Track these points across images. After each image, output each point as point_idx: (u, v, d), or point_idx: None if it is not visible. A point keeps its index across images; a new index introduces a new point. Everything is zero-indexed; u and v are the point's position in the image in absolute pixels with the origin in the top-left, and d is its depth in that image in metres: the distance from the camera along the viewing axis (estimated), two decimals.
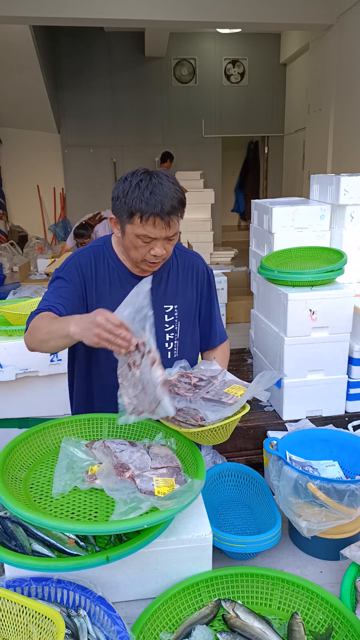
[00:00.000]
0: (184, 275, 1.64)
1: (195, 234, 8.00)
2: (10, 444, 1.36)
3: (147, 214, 1.37)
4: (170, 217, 1.39)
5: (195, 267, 1.66)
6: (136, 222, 1.40)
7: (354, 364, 2.75)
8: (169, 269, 1.61)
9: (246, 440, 2.79)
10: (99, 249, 1.58)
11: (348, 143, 6.34)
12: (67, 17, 5.99)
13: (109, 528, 1.08)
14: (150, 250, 1.45)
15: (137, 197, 1.37)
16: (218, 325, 1.77)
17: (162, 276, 1.60)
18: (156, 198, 1.37)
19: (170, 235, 1.44)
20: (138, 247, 1.45)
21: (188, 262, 1.66)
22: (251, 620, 1.14)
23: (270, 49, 9.59)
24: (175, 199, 1.40)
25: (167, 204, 1.38)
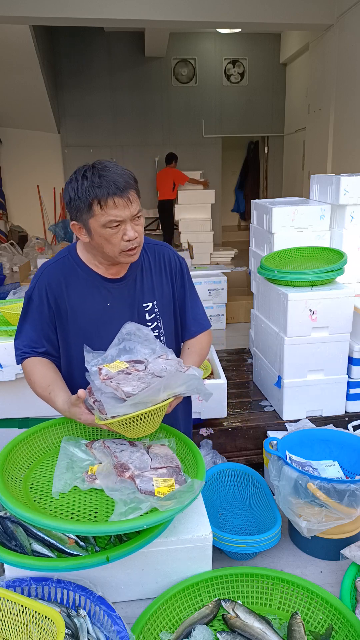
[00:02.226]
0: (156, 269, 1.60)
1: (195, 234, 8.00)
2: (10, 444, 1.36)
3: (105, 196, 1.34)
4: (128, 192, 1.36)
5: (167, 258, 1.62)
6: (97, 212, 1.36)
7: (354, 364, 2.75)
8: (142, 266, 1.57)
9: (246, 440, 2.79)
10: (66, 261, 1.53)
11: (348, 143, 6.34)
12: (67, 17, 5.99)
13: (109, 528, 1.08)
14: (123, 236, 1.39)
15: (89, 187, 1.34)
16: (194, 314, 1.69)
17: (136, 275, 1.56)
18: (107, 179, 1.34)
19: (134, 213, 1.39)
20: (110, 238, 1.39)
21: (158, 254, 1.61)
22: (251, 620, 1.14)
23: (270, 49, 9.59)
24: (126, 175, 1.38)
25: (120, 180, 1.35)
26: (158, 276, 1.60)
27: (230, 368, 3.54)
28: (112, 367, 1.32)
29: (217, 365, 2.84)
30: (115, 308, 1.52)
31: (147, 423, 1.24)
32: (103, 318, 1.51)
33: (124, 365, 1.34)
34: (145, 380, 1.27)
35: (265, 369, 3.01)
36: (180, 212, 8.28)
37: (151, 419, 1.24)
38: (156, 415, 1.25)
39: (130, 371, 1.31)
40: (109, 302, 1.52)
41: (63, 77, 9.28)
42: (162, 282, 1.60)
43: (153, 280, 1.59)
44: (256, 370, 3.25)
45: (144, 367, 1.34)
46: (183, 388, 1.25)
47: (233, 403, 3.00)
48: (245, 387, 3.26)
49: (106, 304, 1.51)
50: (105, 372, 1.30)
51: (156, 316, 1.59)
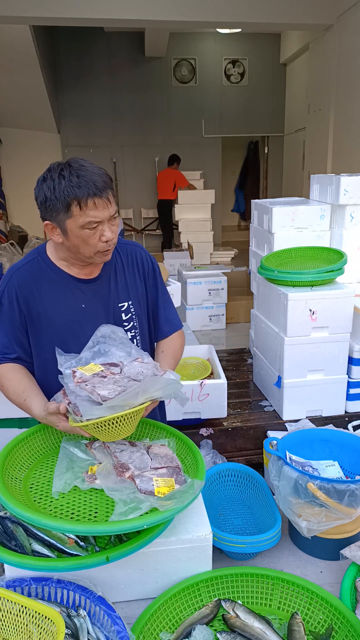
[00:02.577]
0: (129, 269, 1.58)
1: (195, 234, 8.00)
2: (10, 444, 1.36)
3: (84, 197, 1.30)
4: (107, 193, 1.34)
5: (139, 258, 1.60)
6: (76, 212, 1.32)
7: (354, 364, 2.75)
8: (115, 266, 1.55)
9: (246, 440, 2.79)
10: (35, 263, 1.49)
11: (348, 143, 6.34)
12: (67, 17, 5.99)
13: (109, 528, 1.08)
14: (100, 237, 1.37)
15: (67, 187, 1.30)
16: (166, 315, 1.67)
17: (110, 275, 1.53)
18: (86, 179, 1.31)
19: (112, 214, 1.37)
20: (87, 240, 1.36)
21: (130, 253, 1.59)
22: (251, 620, 1.14)
23: (270, 49, 9.60)
24: (103, 175, 1.35)
25: (99, 180, 1.32)
26: (131, 276, 1.58)
27: (230, 368, 3.53)
28: (87, 370, 1.31)
29: (217, 365, 2.84)
30: (90, 309, 1.49)
31: (123, 427, 1.23)
32: (78, 320, 1.48)
33: (98, 368, 1.32)
34: (122, 384, 1.26)
35: (265, 369, 3.01)
36: (180, 212, 8.29)
37: (127, 422, 1.23)
38: (132, 419, 1.24)
39: (105, 374, 1.29)
40: (84, 303, 1.48)
41: (63, 77, 9.28)
42: (135, 281, 1.58)
43: (127, 280, 1.56)
44: (256, 370, 3.25)
45: (120, 371, 1.32)
46: (160, 392, 1.24)
47: (233, 403, 3.00)
48: (245, 387, 3.26)
49: (81, 305, 1.48)
50: (79, 374, 1.28)
51: (132, 316, 1.57)
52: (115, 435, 1.25)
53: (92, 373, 1.29)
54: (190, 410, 2.66)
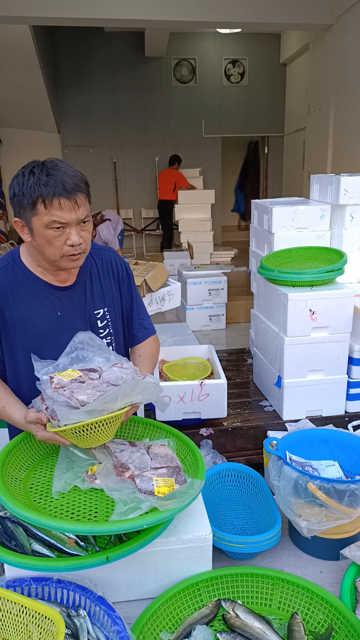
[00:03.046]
0: (104, 275, 1.56)
1: (195, 234, 8.00)
2: (10, 444, 1.36)
3: (50, 195, 1.27)
4: (76, 195, 1.29)
5: (113, 263, 1.58)
6: (41, 210, 1.29)
7: (354, 364, 2.75)
8: (90, 272, 1.53)
9: (246, 440, 2.79)
10: (9, 269, 1.44)
11: (348, 143, 6.34)
12: (67, 17, 5.99)
13: (109, 528, 1.08)
14: (66, 240, 1.33)
15: (35, 184, 1.27)
16: (140, 320, 1.67)
17: (85, 281, 1.51)
18: (55, 178, 1.27)
19: (81, 218, 1.32)
20: (52, 241, 1.33)
21: (104, 258, 1.57)
22: (251, 620, 1.14)
23: (270, 49, 9.60)
24: (76, 177, 1.31)
25: (69, 181, 1.28)
26: (107, 282, 1.56)
27: (230, 368, 3.53)
28: (65, 376, 1.29)
29: (217, 365, 2.84)
30: (67, 317, 1.47)
31: (101, 432, 1.21)
32: (54, 328, 1.45)
33: (76, 374, 1.30)
34: (101, 389, 1.24)
35: (265, 369, 3.01)
36: (180, 212, 8.29)
37: (106, 427, 1.22)
38: (112, 424, 1.23)
39: (84, 379, 1.28)
40: (60, 311, 1.46)
41: (63, 77, 9.28)
42: (110, 287, 1.56)
43: (102, 286, 1.54)
44: (256, 370, 3.25)
45: (98, 376, 1.31)
46: (140, 396, 1.23)
47: (233, 403, 3.00)
48: (245, 387, 3.26)
49: (57, 313, 1.45)
50: (57, 380, 1.26)
51: (108, 323, 1.55)
52: (94, 441, 1.23)
53: (70, 379, 1.27)
54: (190, 410, 2.66)
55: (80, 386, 1.25)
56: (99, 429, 1.20)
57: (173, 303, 3.14)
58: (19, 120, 9.01)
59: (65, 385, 1.25)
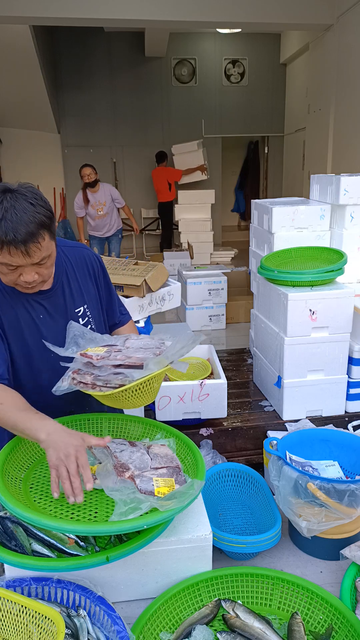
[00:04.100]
0: (80, 272, 1.56)
1: (195, 234, 8.00)
2: (10, 444, 1.36)
3: (0, 242, 1.23)
4: (27, 246, 1.24)
5: (88, 259, 1.59)
6: None
7: (354, 364, 2.75)
8: (66, 272, 1.52)
9: (246, 440, 2.79)
10: None
11: (348, 143, 6.34)
12: (67, 17, 5.99)
13: (109, 529, 1.08)
14: (20, 276, 1.32)
15: None
16: (119, 308, 1.74)
17: (62, 281, 1.51)
18: (7, 225, 1.22)
19: (35, 262, 1.29)
20: (5, 275, 1.32)
21: (78, 256, 1.57)
22: (251, 620, 1.14)
23: (270, 49, 9.59)
24: (32, 223, 1.24)
25: (21, 230, 1.22)
26: (83, 279, 1.56)
27: (230, 368, 3.54)
28: (95, 351, 1.34)
29: (217, 365, 2.84)
30: (50, 319, 1.48)
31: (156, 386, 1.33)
32: (40, 330, 1.46)
33: (103, 349, 1.35)
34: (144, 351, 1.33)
35: (265, 369, 3.01)
36: (180, 212, 8.29)
37: (159, 382, 1.33)
38: (159, 381, 1.33)
39: (118, 349, 1.35)
40: (42, 314, 1.47)
41: (63, 77, 9.28)
42: (87, 284, 1.57)
43: (80, 284, 1.55)
44: (256, 370, 3.25)
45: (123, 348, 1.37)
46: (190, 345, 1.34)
47: (233, 403, 3.00)
48: (245, 387, 3.26)
49: (39, 316, 1.46)
50: (94, 354, 1.32)
51: (89, 319, 1.57)
52: (149, 397, 1.33)
53: (102, 352, 1.34)
54: (190, 410, 2.66)
55: (119, 353, 1.33)
56: (157, 382, 1.32)
57: (173, 303, 3.14)
58: (19, 120, 9.01)
59: (105, 356, 1.31)
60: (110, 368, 1.28)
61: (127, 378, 1.26)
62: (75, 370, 1.33)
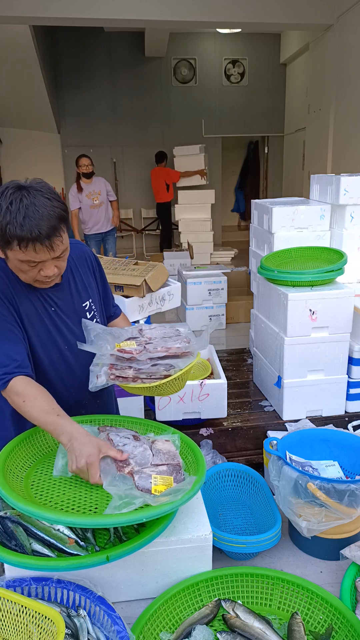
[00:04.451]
0: (82, 267, 1.61)
1: (195, 234, 8.00)
2: (10, 444, 1.36)
3: (25, 240, 1.25)
4: (51, 240, 1.27)
5: (86, 255, 1.64)
6: (15, 249, 1.28)
7: (354, 364, 2.75)
8: (70, 267, 1.55)
9: (246, 440, 2.79)
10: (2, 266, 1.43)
11: (348, 143, 6.34)
12: (67, 17, 5.99)
13: (109, 521, 1.08)
14: (40, 271, 1.35)
15: (11, 223, 1.24)
16: (112, 301, 1.80)
17: (68, 277, 1.55)
18: (31, 222, 1.24)
19: (57, 255, 1.33)
20: (26, 272, 1.35)
21: (78, 252, 1.62)
22: (251, 620, 1.14)
23: (270, 49, 9.59)
24: (53, 218, 1.27)
25: (44, 226, 1.25)
26: (85, 274, 1.62)
27: (230, 368, 3.53)
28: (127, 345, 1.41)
29: (217, 365, 2.84)
30: (61, 313, 1.51)
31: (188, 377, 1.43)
32: (52, 323, 1.50)
33: (133, 343, 1.41)
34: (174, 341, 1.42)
35: (265, 369, 3.01)
36: (180, 212, 8.28)
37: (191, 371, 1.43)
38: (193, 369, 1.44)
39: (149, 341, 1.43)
40: (53, 307, 1.50)
41: (63, 77, 9.28)
42: (89, 279, 1.63)
43: (83, 279, 1.60)
44: (256, 370, 3.25)
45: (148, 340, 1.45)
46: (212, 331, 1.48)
47: (233, 403, 3.00)
48: (245, 387, 3.26)
49: (51, 309, 1.50)
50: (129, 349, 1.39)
51: (94, 313, 1.61)
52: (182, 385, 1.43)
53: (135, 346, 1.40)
54: (190, 410, 2.66)
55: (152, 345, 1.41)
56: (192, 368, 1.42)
57: (173, 303, 3.14)
58: (19, 120, 9.01)
59: (141, 350, 1.38)
60: (149, 361, 1.35)
61: (173, 368, 1.36)
62: (111, 366, 1.37)
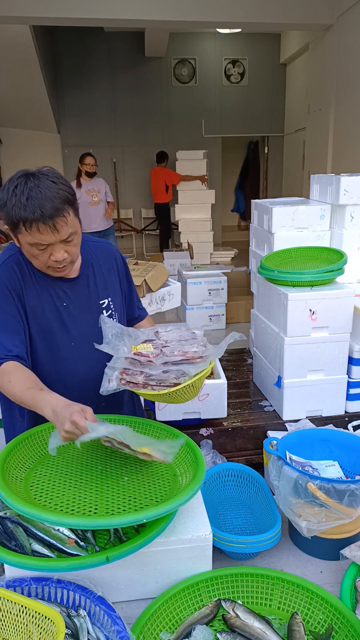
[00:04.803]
0: (105, 265, 1.62)
1: (195, 234, 8.00)
2: (10, 444, 1.36)
3: (29, 221, 1.29)
4: (54, 220, 1.30)
5: (112, 255, 1.65)
6: (23, 231, 1.32)
7: (354, 364, 2.74)
8: (91, 263, 1.58)
9: (246, 440, 2.79)
10: (16, 259, 1.47)
11: (348, 143, 6.34)
12: (67, 17, 5.99)
13: (109, 522, 1.08)
14: (50, 256, 1.37)
15: (16, 205, 1.29)
16: (138, 304, 1.79)
17: (88, 273, 1.56)
18: (34, 202, 1.28)
19: (64, 238, 1.35)
20: (37, 256, 1.38)
21: (103, 250, 1.63)
22: (251, 620, 1.14)
23: (270, 49, 9.60)
24: (56, 199, 1.30)
25: (47, 206, 1.28)
26: (108, 273, 1.62)
27: (230, 368, 3.53)
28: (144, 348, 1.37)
29: (217, 365, 2.84)
30: (73, 308, 1.51)
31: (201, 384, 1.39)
32: (62, 318, 1.50)
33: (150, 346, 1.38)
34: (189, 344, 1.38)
35: (265, 369, 3.01)
36: (180, 212, 8.28)
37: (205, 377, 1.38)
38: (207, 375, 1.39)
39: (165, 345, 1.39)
40: (65, 302, 1.51)
41: (63, 77, 9.28)
42: (112, 278, 1.63)
43: (105, 277, 1.61)
44: (256, 370, 3.25)
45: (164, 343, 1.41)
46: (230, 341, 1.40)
47: (233, 403, 3.00)
48: (245, 387, 3.26)
49: (63, 304, 1.50)
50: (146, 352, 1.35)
51: (112, 312, 1.61)
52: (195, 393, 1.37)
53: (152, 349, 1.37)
54: (190, 410, 2.66)
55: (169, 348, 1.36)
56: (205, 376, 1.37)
57: (173, 303, 3.14)
58: (19, 120, 9.01)
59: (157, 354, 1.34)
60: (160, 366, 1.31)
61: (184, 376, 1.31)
62: (122, 370, 1.34)
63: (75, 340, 1.52)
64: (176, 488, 1.26)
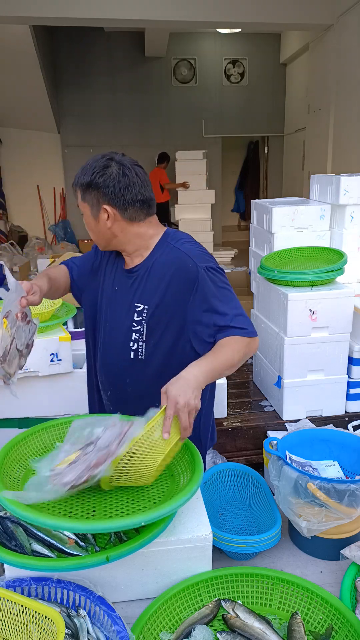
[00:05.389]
0: (164, 276, 1.48)
1: (195, 234, 7.87)
2: (9, 444, 1.36)
3: None
4: (74, 187, 1.53)
5: (185, 269, 1.46)
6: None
7: (354, 364, 2.75)
8: (153, 264, 1.50)
9: (246, 440, 2.79)
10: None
11: (348, 143, 6.34)
12: (67, 17, 5.99)
13: (108, 525, 1.08)
14: None
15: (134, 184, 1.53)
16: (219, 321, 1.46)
17: (142, 274, 1.52)
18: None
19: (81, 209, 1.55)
20: None
21: (176, 260, 1.48)
22: (251, 620, 1.14)
23: (270, 49, 9.59)
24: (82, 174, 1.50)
25: (79, 173, 1.51)
26: (164, 282, 1.48)
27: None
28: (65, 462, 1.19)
29: None
30: (119, 295, 1.59)
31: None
32: (110, 298, 1.62)
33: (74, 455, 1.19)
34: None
35: (265, 369, 3.01)
36: (180, 212, 8.28)
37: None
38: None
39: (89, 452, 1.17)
40: (117, 286, 1.60)
41: (63, 77, 9.28)
42: (166, 290, 1.48)
43: (158, 284, 1.49)
44: (256, 370, 3.25)
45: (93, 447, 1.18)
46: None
47: (233, 403, 3.00)
48: (245, 387, 3.26)
49: (115, 287, 1.61)
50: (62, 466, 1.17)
51: (142, 320, 1.51)
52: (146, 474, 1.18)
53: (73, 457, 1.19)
54: None
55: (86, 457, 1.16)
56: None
57: None
58: (19, 120, 9.01)
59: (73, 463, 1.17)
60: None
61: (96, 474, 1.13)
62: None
63: (109, 321, 1.62)
64: (174, 488, 1.26)
